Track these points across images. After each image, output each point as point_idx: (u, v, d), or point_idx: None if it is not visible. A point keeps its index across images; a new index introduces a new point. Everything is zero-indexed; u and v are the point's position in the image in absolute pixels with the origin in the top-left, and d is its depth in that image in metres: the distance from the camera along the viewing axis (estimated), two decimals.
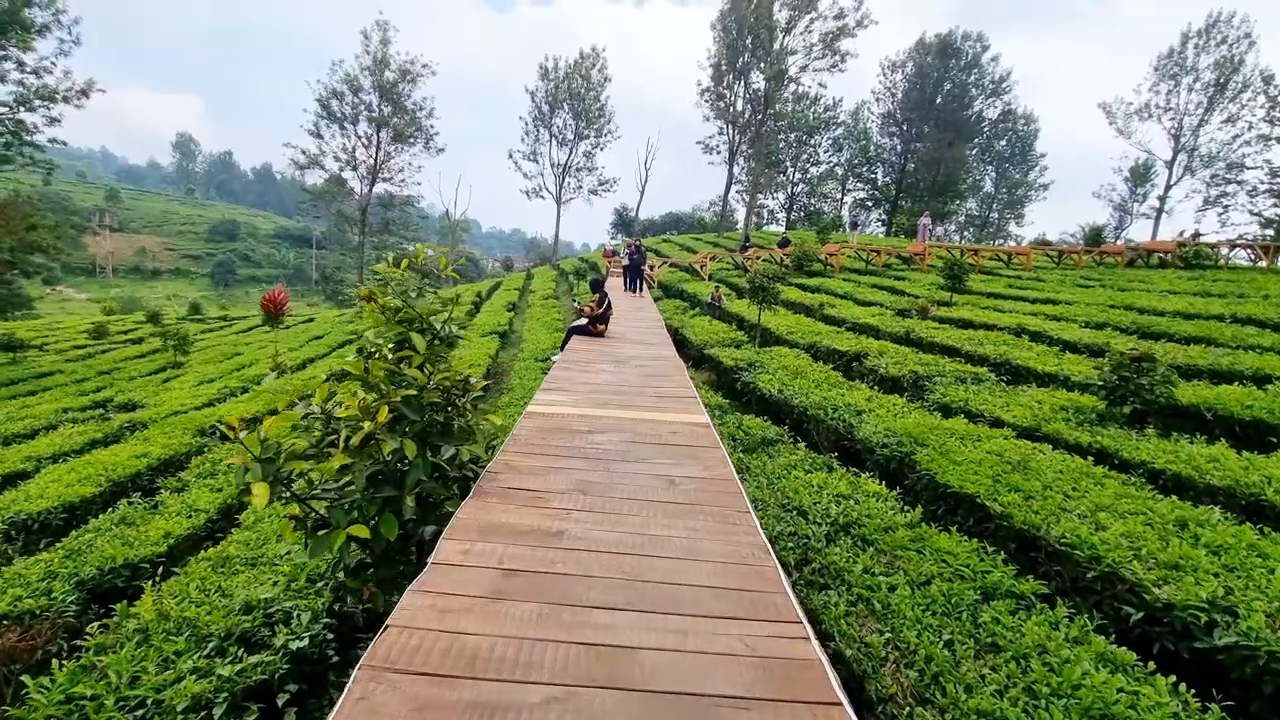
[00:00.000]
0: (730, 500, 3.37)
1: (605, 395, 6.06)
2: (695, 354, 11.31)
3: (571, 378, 7.05)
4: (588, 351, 9.06)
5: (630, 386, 6.62)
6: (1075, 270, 19.85)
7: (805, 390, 7.32)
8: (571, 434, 4.63)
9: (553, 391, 6.26)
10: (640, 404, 5.76)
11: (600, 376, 7.11)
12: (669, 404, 5.84)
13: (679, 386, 6.81)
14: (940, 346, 9.31)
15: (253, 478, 2.49)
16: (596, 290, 11.08)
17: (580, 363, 8.07)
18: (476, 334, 15.56)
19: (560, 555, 2.66)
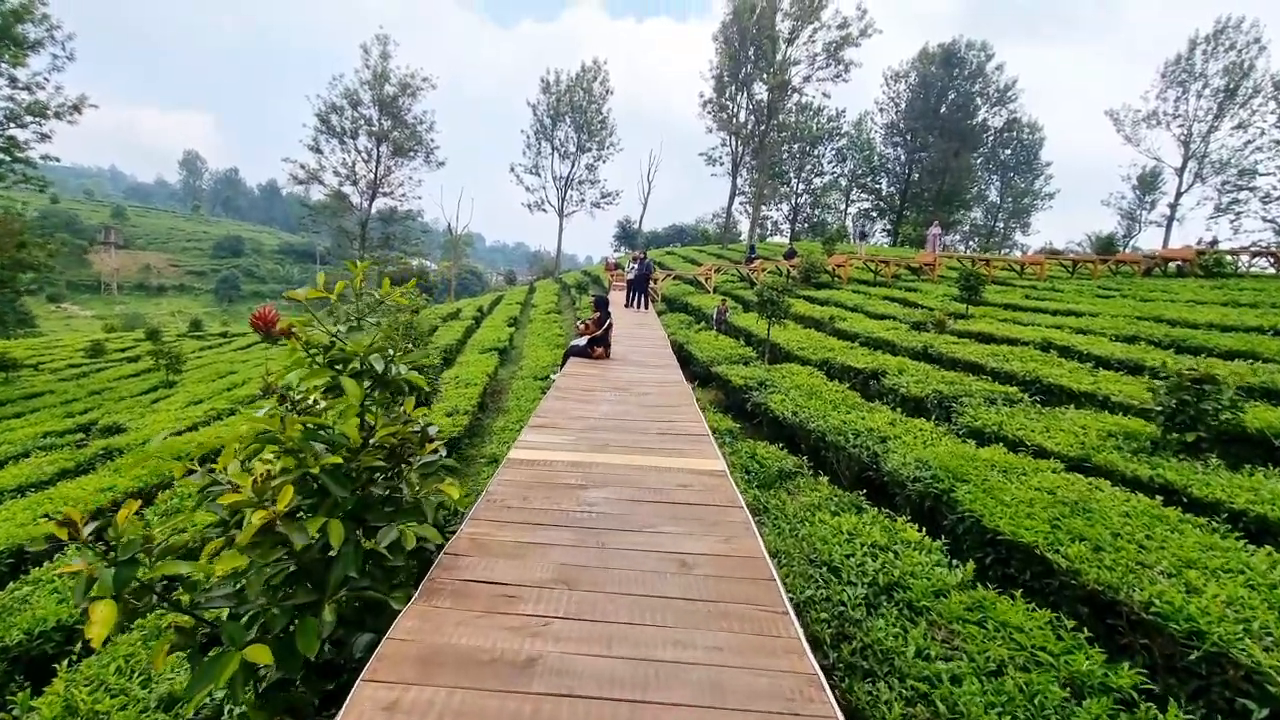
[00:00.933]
0: (762, 594, 2.65)
1: (603, 434, 5.31)
2: (701, 371, 10.79)
3: (565, 410, 6.30)
4: (586, 376, 8.32)
5: (633, 421, 5.87)
6: (1091, 280, 19.29)
7: (822, 412, 6.78)
8: (559, 489, 3.90)
9: (543, 429, 5.49)
10: (644, 445, 5.02)
11: (599, 408, 6.39)
12: (677, 444, 5.07)
13: (688, 420, 6.06)
14: (963, 363, 8.76)
15: (100, 590, 1.69)
16: (600, 308, 10.31)
17: (577, 390, 7.28)
18: (475, 351, 15.10)
19: (530, 707, 1.92)
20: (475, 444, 8.81)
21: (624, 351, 10.64)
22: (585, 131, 38.74)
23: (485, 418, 10.81)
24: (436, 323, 21.40)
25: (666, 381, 8.29)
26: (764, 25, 28.75)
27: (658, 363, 9.98)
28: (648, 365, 9.57)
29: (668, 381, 8.30)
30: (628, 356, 10.29)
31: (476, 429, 9.99)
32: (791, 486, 4.79)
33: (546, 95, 38.25)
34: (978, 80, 42.20)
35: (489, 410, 11.34)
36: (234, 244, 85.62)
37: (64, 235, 72.14)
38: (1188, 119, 36.43)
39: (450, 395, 10.14)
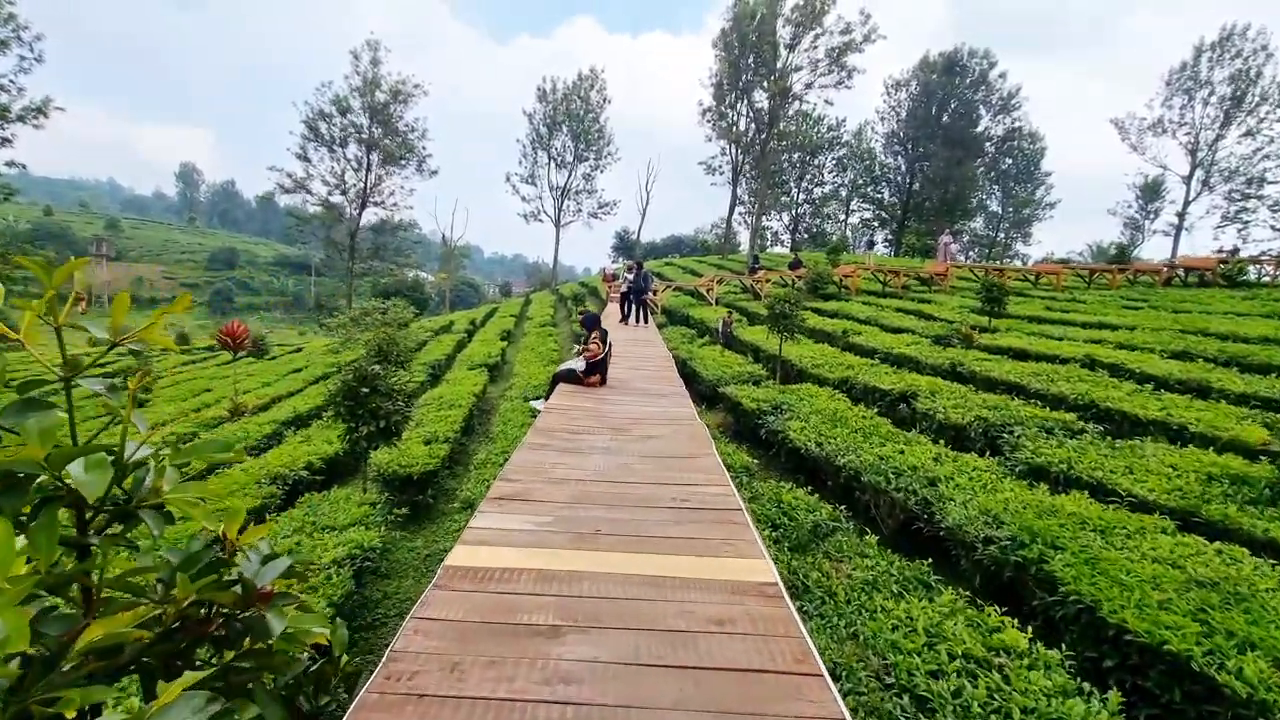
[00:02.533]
0: None
1: (594, 511, 3.60)
2: (707, 391, 9.88)
3: (543, 466, 4.52)
4: (576, 412, 6.64)
5: (635, 485, 4.13)
6: (1110, 289, 18.47)
7: (851, 444, 5.85)
8: (518, 639, 2.24)
9: (507, 503, 3.69)
10: (654, 531, 3.29)
11: (589, 461, 4.71)
12: (702, 530, 3.32)
13: (712, 484, 4.19)
14: (1001, 383, 7.85)
15: None
16: (591, 327, 8.60)
17: (562, 433, 5.62)
18: (463, 367, 14.19)
19: None
20: (454, 478, 7.86)
21: (623, 376, 9.18)
22: (582, 140, 38.00)
23: (470, 443, 9.87)
24: (425, 337, 20.50)
25: (676, 418, 6.65)
26: (765, 31, 28.13)
27: (662, 389, 8.45)
28: (650, 394, 8.02)
29: (678, 418, 6.66)
30: (627, 383, 8.75)
31: (459, 456, 9.04)
32: (831, 547, 3.85)
33: (543, 104, 37.59)
34: (980, 88, 41.71)
35: (475, 433, 10.40)
36: (228, 256, 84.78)
37: (54, 248, 71.46)
38: (1195, 127, 35.88)
39: (431, 420, 9.21)
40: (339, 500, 5.81)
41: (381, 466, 6.84)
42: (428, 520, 6.82)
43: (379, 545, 4.72)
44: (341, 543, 4.52)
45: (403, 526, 6.67)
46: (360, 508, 5.43)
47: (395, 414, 6.24)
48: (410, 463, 6.86)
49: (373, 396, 6.19)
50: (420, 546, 6.00)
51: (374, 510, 5.46)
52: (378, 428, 6.12)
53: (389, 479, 6.78)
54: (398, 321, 15.88)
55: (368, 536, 4.63)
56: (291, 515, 5.22)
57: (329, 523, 5.05)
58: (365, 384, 6.17)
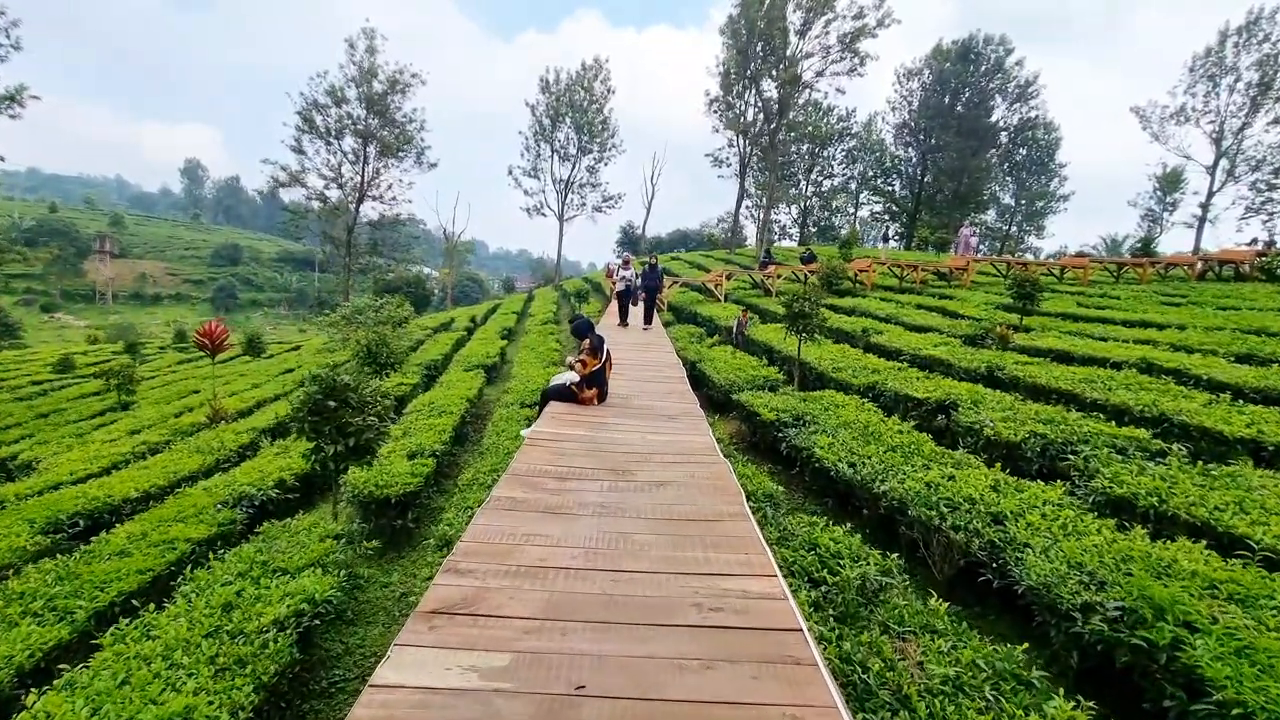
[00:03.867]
0: None
1: (575, 639, 2.38)
2: (719, 397, 9.09)
3: (509, 544, 3.28)
4: (566, 444, 5.33)
5: (638, 577, 2.93)
6: (1141, 284, 17.51)
7: (888, 465, 5.07)
8: None
9: (441, 629, 2.46)
10: (664, 684, 2.10)
11: (576, 530, 3.46)
12: (738, 674, 2.16)
13: (748, 568, 3.02)
14: (1050, 391, 7.02)
15: None
16: (582, 335, 7.38)
17: (545, 479, 4.30)
18: (460, 368, 13.45)
19: None
20: (441, 494, 7.12)
21: (625, 389, 7.80)
22: (586, 132, 37.05)
23: (462, 453, 9.12)
24: (423, 335, 19.77)
25: (692, 451, 5.32)
26: (774, 17, 27.10)
27: (672, 407, 7.11)
28: (658, 414, 6.70)
29: (695, 451, 5.31)
30: (630, 399, 7.38)
31: (447, 469, 8.29)
32: (888, 615, 3.06)
33: (546, 95, 36.59)
34: (996, 76, 40.45)
35: (468, 442, 9.65)
36: (232, 252, 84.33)
37: (57, 245, 71.21)
38: (1219, 114, 34.63)
39: (419, 428, 8.46)
40: (300, 531, 5.06)
41: (356, 486, 6.10)
42: (408, 547, 6.08)
43: (336, 596, 3.97)
44: (290, 593, 3.77)
45: (379, 555, 5.94)
46: (322, 542, 4.68)
47: (368, 430, 5.49)
48: (389, 482, 6.13)
49: (342, 411, 5.44)
50: (396, 583, 5.26)
51: (338, 545, 4.71)
52: (347, 446, 5.37)
53: (364, 501, 6.04)
54: (392, 320, 15.11)
55: (322, 585, 3.88)
56: (241, 553, 4.48)
57: (282, 563, 4.31)
58: (333, 397, 5.42)
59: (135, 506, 6.63)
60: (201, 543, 5.19)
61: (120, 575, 4.39)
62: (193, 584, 4.06)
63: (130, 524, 5.73)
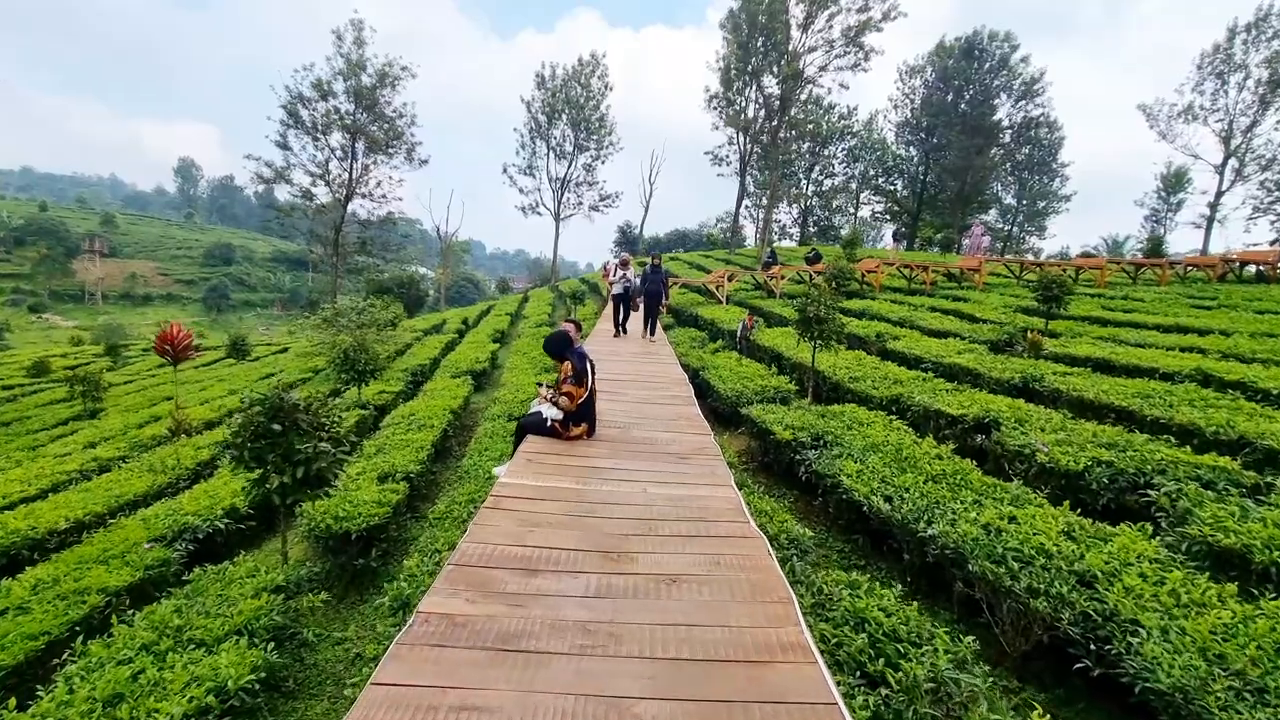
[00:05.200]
0: None
1: None
2: (725, 409, 8.30)
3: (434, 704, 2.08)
4: (540, 506, 4.02)
5: None
6: (1161, 285, 16.79)
7: (932, 499, 4.30)
8: None
9: None
10: None
11: (539, 682, 2.24)
12: None
13: None
14: (1099, 406, 6.24)
15: None
16: (559, 353, 5.81)
17: (504, 568, 3.10)
18: (447, 374, 12.64)
19: None
20: (411, 526, 6.29)
21: (621, 416, 6.35)
22: (583, 129, 36.21)
23: (441, 471, 8.31)
24: (411, 338, 18.93)
25: (712, 516, 3.99)
26: (776, 10, 26.32)
27: (681, 444, 5.58)
28: (663, 454, 5.27)
29: (714, 515, 4.00)
30: (628, 430, 5.91)
31: (426, 490, 7.49)
32: None
33: (541, 90, 35.76)
34: (1001, 73, 39.71)
35: (450, 457, 8.84)
36: (225, 252, 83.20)
37: (45, 244, 70.12)
38: (1228, 113, 33.97)
39: (395, 444, 7.66)
40: (236, 580, 4.25)
41: (313, 519, 5.29)
42: (372, 588, 5.27)
43: (259, 678, 3.16)
44: (199, 678, 2.97)
45: (339, 599, 5.14)
46: (257, 599, 3.87)
47: (320, 459, 4.67)
48: (351, 513, 5.32)
49: (290, 436, 4.64)
50: (350, 639, 4.44)
51: (276, 602, 3.91)
52: (295, 477, 4.56)
53: (321, 537, 5.24)
54: (377, 322, 14.28)
55: (241, 667, 3.07)
56: (155, 615, 3.68)
57: (200, 630, 3.50)
58: (279, 419, 4.61)
59: (63, 539, 5.82)
60: (120, 593, 4.38)
61: (2, 644, 3.58)
62: (82, 663, 3.25)
63: (46, 565, 4.92)
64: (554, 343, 5.95)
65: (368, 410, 10.28)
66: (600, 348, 10.79)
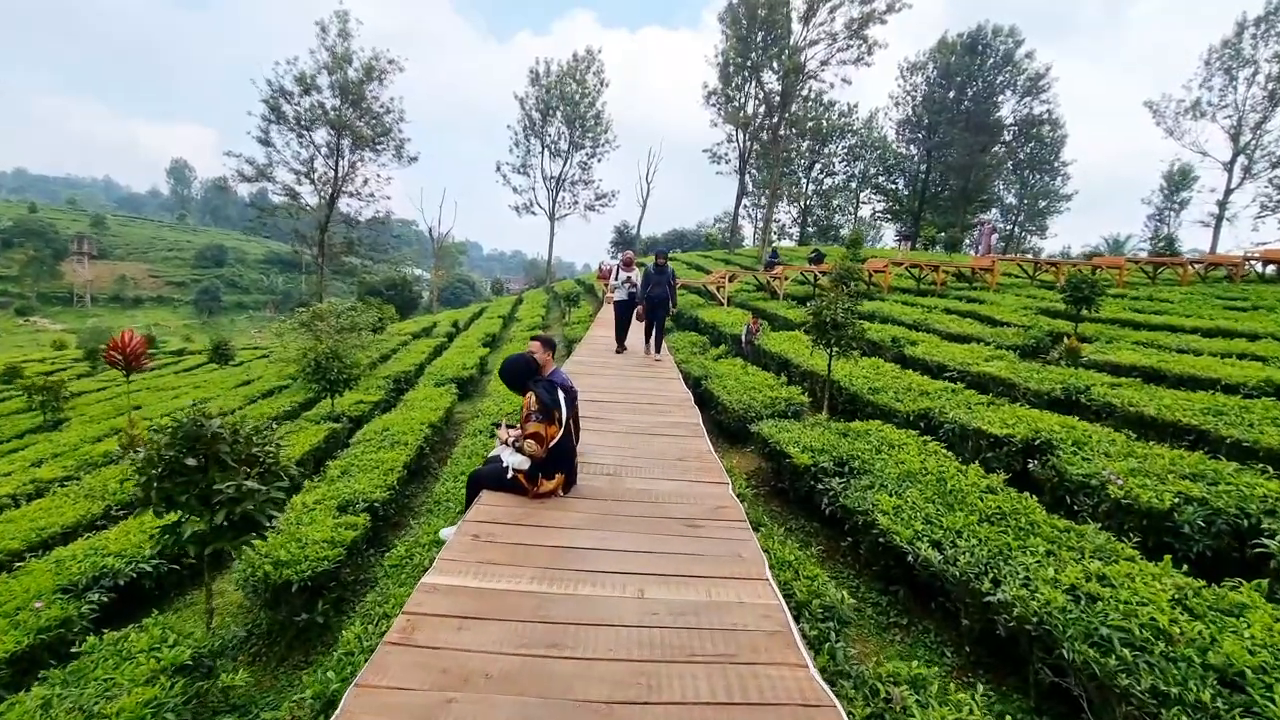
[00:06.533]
0: None
1: None
2: (731, 423, 7.49)
3: None
4: (480, 629, 2.58)
5: None
6: (1182, 285, 16.05)
7: (993, 548, 3.51)
8: None
9: None
10: None
11: None
12: None
13: None
14: (1165, 425, 5.45)
15: None
16: (519, 383, 4.24)
17: None
18: (431, 382, 11.81)
19: None
20: (375, 562, 5.45)
21: (613, 454, 5.09)
22: (578, 127, 35.41)
23: (418, 493, 7.49)
24: (397, 344, 18.10)
25: (747, 643, 2.57)
26: (776, 3, 25.56)
27: (693, 504, 4.17)
28: (668, 520, 3.89)
29: (751, 641, 2.58)
30: (621, 476, 4.59)
31: (397, 517, 6.67)
32: None
33: (536, 87, 34.95)
34: (1005, 69, 38.97)
35: (428, 475, 8.02)
36: (217, 253, 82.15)
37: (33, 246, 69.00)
38: (1237, 109, 33.31)
39: (363, 465, 6.80)
40: (135, 654, 3.41)
41: (249, 563, 4.47)
42: (320, 646, 4.46)
43: None
44: None
45: (277, 662, 4.33)
46: (152, 684, 3.03)
47: (249, 498, 3.84)
48: (296, 556, 4.49)
49: (211, 472, 3.81)
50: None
51: (178, 687, 3.07)
52: (212, 524, 3.73)
53: (259, 586, 4.41)
54: (358, 326, 13.44)
55: None
56: (8, 717, 2.86)
57: None
58: (196, 452, 3.79)
59: None
60: None
61: None
62: None
63: None
64: (512, 370, 4.24)
65: (340, 423, 9.46)
66: (590, 359, 9.87)
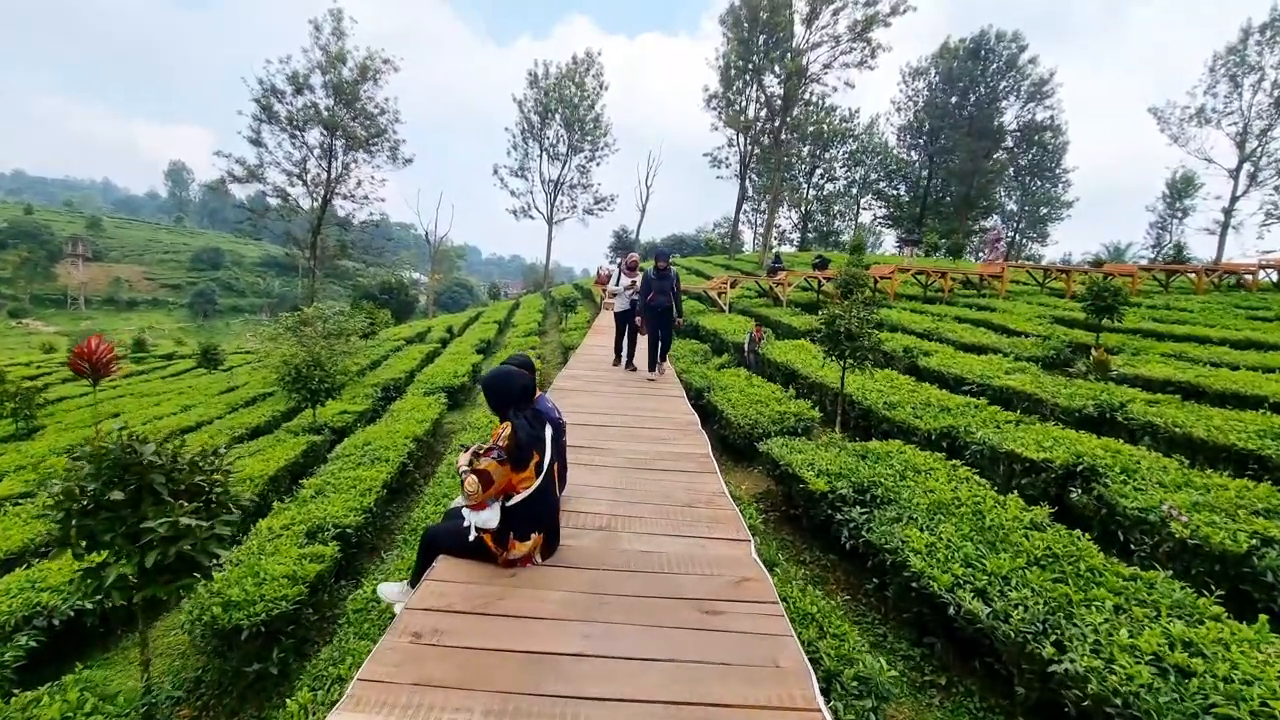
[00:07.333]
0: None
1: None
2: (737, 441, 6.98)
3: None
4: None
5: None
6: (1197, 293, 15.60)
7: (1049, 600, 3.01)
8: None
9: None
10: None
11: None
12: None
13: None
14: (1218, 449, 4.95)
15: None
16: (498, 406, 3.15)
17: None
18: (420, 390, 11.29)
19: None
20: (339, 606, 4.88)
21: (603, 499, 4.07)
22: (577, 130, 35.01)
23: (398, 512, 6.96)
24: (389, 349, 17.58)
25: None
26: (778, 5, 25.22)
27: (708, 583, 2.99)
28: (678, 603, 2.77)
29: None
30: (614, 539, 3.47)
31: (373, 540, 6.14)
32: None
33: (534, 89, 34.56)
34: (1009, 74, 38.68)
35: (412, 492, 7.49)
36: (213, 256, 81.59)
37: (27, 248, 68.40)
38: (1242, 116, 33.00)
39: (339, 484, 6.25)
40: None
41: (201, 601, 3.96)
42: (276, 699, 3.91)
43: None
44: None
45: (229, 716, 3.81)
46: None
47: (189, 536, 3.32)
48: (250, 595, 3.98)
49: (144, 506, 3.30)
50: None
51: None
52: (142, 567, 3.21)
53: (207, 630, 3.89)
54: (345, 332, 12.92)
55: None
56: None
57: None
58: (126, 483, 3.27)
59: None
60: None
61: None
62: None
63: None
64: (496, 387, 3.17)
65: (322, 435, 8.93)
66: (584, 373, 9.24)
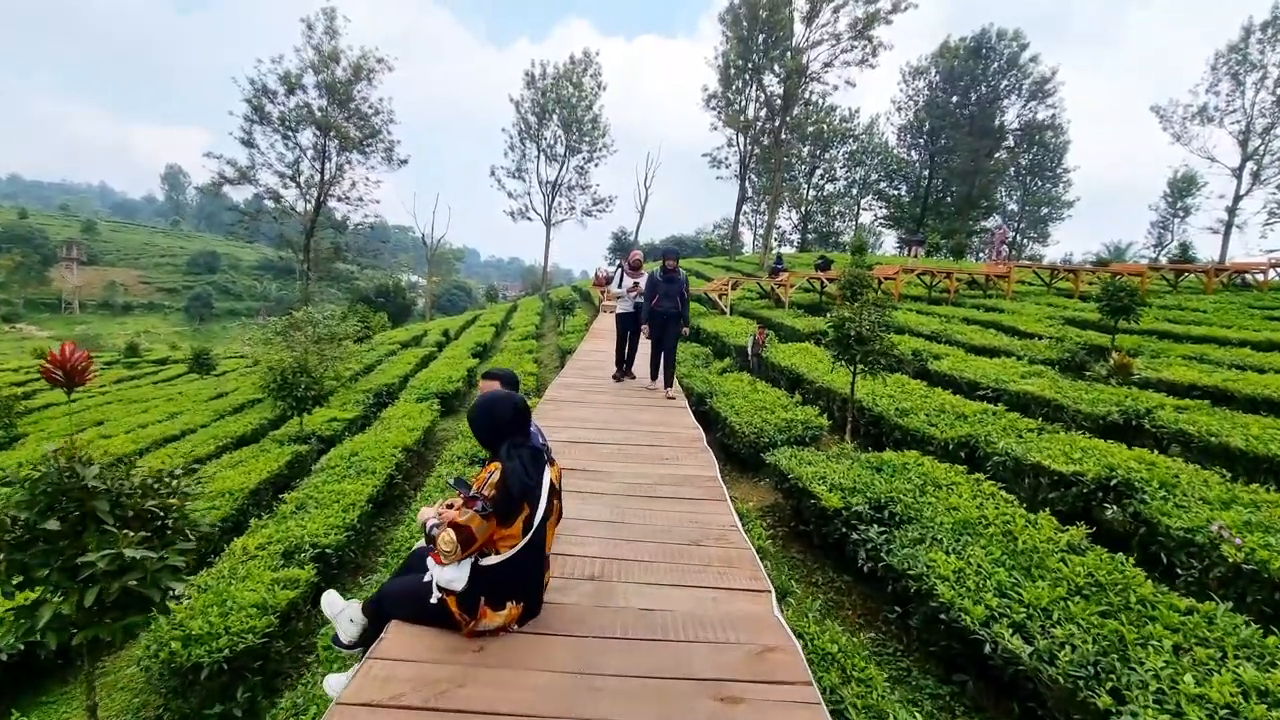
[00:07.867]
0: None
1: None
2: (742, 450, 6.63)
3: None
4: None
5: None
6: (1207, 293, 15.30)
7: (1097, 633, 2.69)
8: None
9: None
10: None
11: None
12: None
13: None
14: (1255, 459, 4.62)
15: None
16: (489, 440, 2.58)
17: None
18: (413, 397, 10.94)
19: None
20: (315, 635, 4.53)
21: (595, 539, 3.48)
22: (575, 130, 34.73)
23: (385, 527, 6.60)
24: (384, 353, 17.24)
25: None
26: (778, 3, 24.96)
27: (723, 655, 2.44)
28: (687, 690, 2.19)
29: None
30: (608, 594, 2.87)
31: (356, 559, 5.78)
32: None
33: (531, 90, 34.28)
34: (1010, 73, 38.43)
35: (401, 504, 7.13)
36: (209, 259, 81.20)
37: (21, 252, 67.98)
38: (1245, 114, 32.76)
39: (322, 498, 5.89)
40: None
41: (159, 633, 3.62)
42: None
43: None
44: None
45: None
46: None
47: (135, 570, 2.97)
48: (215, 627, 3.64)
49: (89, 534, 2.95)
50: None
51: None
52: (82, 605, 2.87)
53: (168, 666, 3.55)
54: (337, 336, 12.58)
55: None
56: None
57: None
58: (65, 509, 2.93)
59: None
60: None
61: None
62: None
63: None
64: (487, 417, 2.61)
65: (309, 445, 8.57)
66: (579, 380, 8.84)
